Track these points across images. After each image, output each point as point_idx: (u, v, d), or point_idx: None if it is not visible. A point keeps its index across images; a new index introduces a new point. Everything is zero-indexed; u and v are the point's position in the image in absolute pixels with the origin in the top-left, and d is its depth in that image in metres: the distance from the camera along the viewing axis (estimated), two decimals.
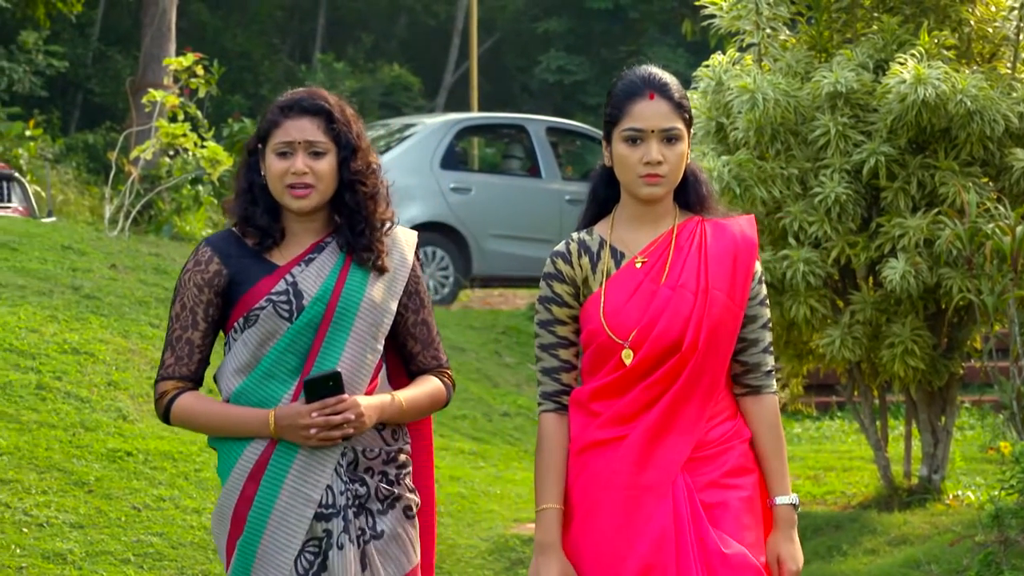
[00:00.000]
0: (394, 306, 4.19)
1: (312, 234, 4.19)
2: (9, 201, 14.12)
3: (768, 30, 8.14)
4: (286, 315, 4.08)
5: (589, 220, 4.15)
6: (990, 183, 7.98)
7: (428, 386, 4.25)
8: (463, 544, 7.93)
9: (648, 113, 3.99)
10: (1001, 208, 7.73)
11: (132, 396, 8.66)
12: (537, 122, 17.43)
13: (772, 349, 4.10)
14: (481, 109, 25.44)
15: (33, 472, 7.37)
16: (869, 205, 8.06)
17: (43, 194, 16.96)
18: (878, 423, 8.55)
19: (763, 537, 4.02)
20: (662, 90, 4.02)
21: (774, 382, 4.10)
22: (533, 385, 12.27)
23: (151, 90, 15.22)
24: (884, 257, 7.89)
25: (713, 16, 8.30)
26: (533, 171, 16.77)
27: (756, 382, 4.06)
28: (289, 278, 4.11)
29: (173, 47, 21.27)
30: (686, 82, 9.48)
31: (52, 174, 19.86)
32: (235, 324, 4.12)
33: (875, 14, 8.33)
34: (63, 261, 10.85)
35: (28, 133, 20.89)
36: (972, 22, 8.18)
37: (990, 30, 8.23)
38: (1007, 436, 7.84)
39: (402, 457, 4.19)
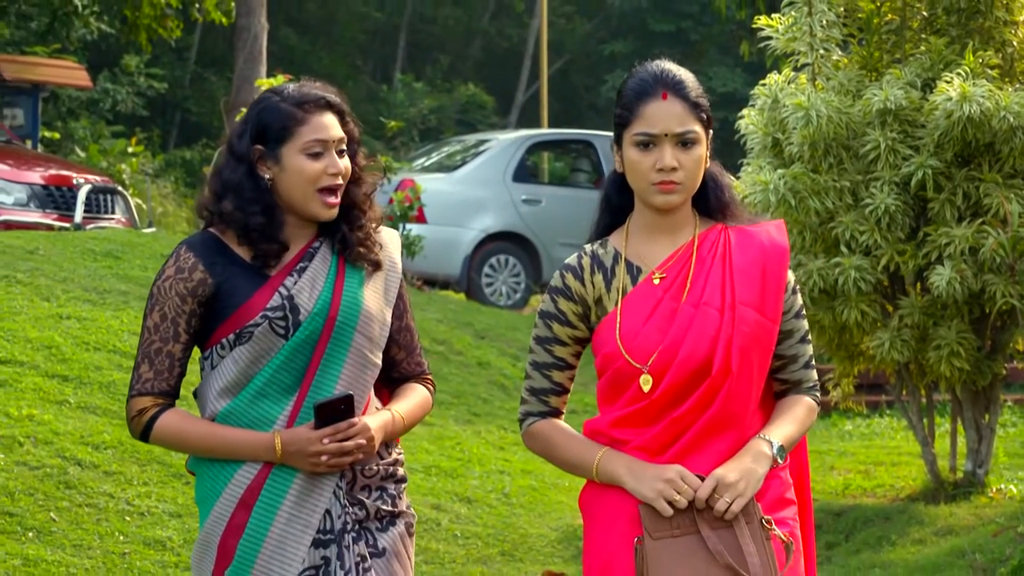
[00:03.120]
0: (389, 317, 3.61)
1: (303, 239, 3.58)
2: (113, 213, 14.26)
3: (821, 51, 8.11)
4: (282, 332, 3.48)
5: (602, 231, 3.49)
6: None
7: (419, 397, 3.70)
8: (534, 534, 7.94)
9: (661, 115, 3.31)
10: None
11: None
12: (603, 138, 17.41)
13: (813, 363, 3.45)
14: (551, 126, 25.45)
15: (135, 465, 7.44)
16: (917, 215, 8.01)
17: (144, 206, 17.12)
18: (925, 421, 8.50)
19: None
20: (676, 88, 3.34)
21: (818, 394, 3.47)
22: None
23: (244, 109, 15.32)
24: (931, 264, 7.84)
25: (769, 38, 8.28)
26: (599, 184, 16.75)
27: (797, 395, 3.44)
28: (284, 291, 3.50)
29: (264, 69, 21.40)
30: (744, 100, 9.48)
31: (152, 188, 20.03)
32: (223, 340, 3.51)
33: (923, 36, 8.28)
34: None
35: (130, 150, 21.13)
36: (1015, 43, 8.11)
37: None
38: None
39: (400, 471, 3.65)
